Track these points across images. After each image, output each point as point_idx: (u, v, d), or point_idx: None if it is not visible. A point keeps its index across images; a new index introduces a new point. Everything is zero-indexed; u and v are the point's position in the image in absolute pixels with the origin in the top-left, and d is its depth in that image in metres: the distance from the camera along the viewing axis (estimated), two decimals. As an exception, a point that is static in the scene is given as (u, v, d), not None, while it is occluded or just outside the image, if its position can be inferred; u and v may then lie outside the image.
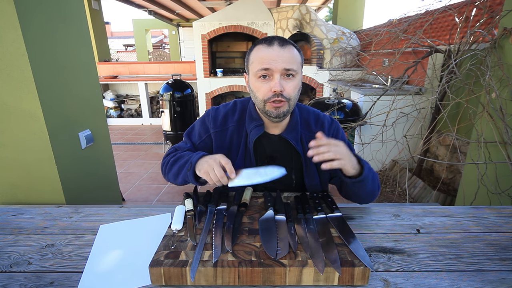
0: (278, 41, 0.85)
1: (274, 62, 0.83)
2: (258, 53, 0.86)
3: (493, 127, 1.70)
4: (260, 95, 0.88)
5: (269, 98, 0.86)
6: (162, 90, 3.95)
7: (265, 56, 0.84)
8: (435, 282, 0.64)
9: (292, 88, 0.87)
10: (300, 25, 5.08)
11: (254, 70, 0.87)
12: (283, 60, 0.84)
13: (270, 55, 0.84)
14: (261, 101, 0.88)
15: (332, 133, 1.01)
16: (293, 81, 0.87)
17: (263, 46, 0.86)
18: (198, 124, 1.04)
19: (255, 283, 0.63)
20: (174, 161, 0.96)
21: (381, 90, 3.14)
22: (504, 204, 1.60)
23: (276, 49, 0.84)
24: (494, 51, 1.80)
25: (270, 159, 0.98)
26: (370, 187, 0.88)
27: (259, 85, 0.87)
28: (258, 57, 0.86)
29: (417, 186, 2.78)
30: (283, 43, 0.86)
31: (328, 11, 15.45)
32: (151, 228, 0.85)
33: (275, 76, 0.84)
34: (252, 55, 0.89)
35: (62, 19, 1.43)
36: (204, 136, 1.01)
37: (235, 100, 1.04)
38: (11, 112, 1.27)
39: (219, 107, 1.03)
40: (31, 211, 0.97)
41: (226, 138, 0.99)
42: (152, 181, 3.29)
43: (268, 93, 0.86)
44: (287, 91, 0.86)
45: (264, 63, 0.84)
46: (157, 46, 16.30)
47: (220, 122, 0.99)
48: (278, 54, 0.84)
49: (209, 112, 1.02)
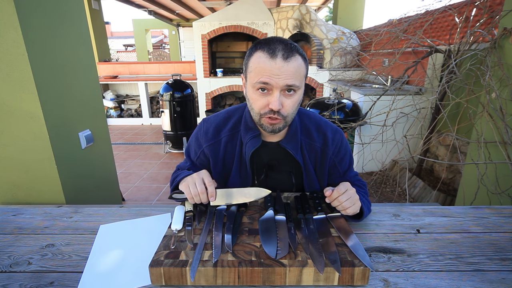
0: (283, 53, 0.75)
1: (275, 78, 0.75)
2: (259, 63, 0.76)
3: (493, 127, 1.70)
4: (256, 107, 0.81)
5: (265, 113, 0.80)
6: (162, 90, 3.95)
7: (266, 69, 0.75)
8: (435, 282, 0.64)
9: (291, 105, 0.79)
10: (300, 25, 5.08)
11: (252, 81, 0.78)
12: (286, 76, 0.75)
13: (271, 69, 0.74)
14: (257, 114, 0.82)
15: (335, 145, 0.95)
16: (294, 97, 0.79)
17: (265, 56, 0.76)
18: (192, 140, 1.00)
19: (255, 283, 0.63)
20: (172, 181, 0.95)
21: (381, 90, 3.14)
22: (504, 204, 1.60)
23: (279, 63, 0.74)
24: (494, 51, 1.80)
25: (268, 167, 0.95)
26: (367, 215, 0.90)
27: (256, 97, 0.80)
28: (257, 67, 0.77)
29: (417, 186, 2.78)
30: (288, 54, 0.75)
31: (328, 11, 15.45)
32: (151, 228, 0.85)
33: (275, 92, 0.76)
34: (251, 63, 0.79)
35: (62, 19, 1.43)
36: (198, 152, 0.97)
37: (227, 109, 1.00)
38: (11, 112, 1.27)
39: (210, 118, 0.98)
40: (31, 211, 0.97)
41: (220, 149, 0.94)
42: (152, 181, 3.29)
43: (265, 107, 0.79)
44: (285, 108, 0.79)
45: (264, 77, 0.75)
46: (157, 46, 16.29)
47: (212, 134, 0.94)
48: (280, 69, 0.74)
49: (201, 125, 0.98)
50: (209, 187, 0.80)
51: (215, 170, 0.96)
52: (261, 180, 0.96)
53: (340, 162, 0.97)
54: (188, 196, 0.80)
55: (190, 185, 0.79)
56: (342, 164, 0.98)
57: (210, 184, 0.80)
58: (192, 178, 0.81)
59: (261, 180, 0.96)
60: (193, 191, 0.79)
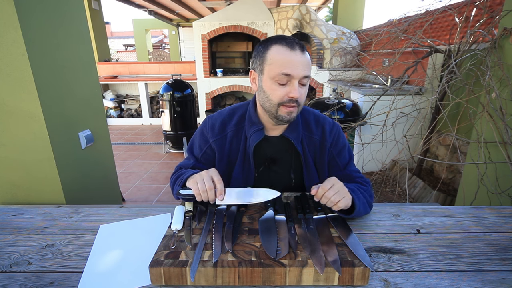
0: (299, 46, 0.82)
1: (296, 69, 0.81)
2: (279, 56, 0.82)
3: (493, 127, 1.70)
4: (275, 98, 0.85)
5: (284, 102, 0.84)
6: (162, 90, 3.95)
7: (287, 61, 0.81)
8: (435, 282, 0.64)
9: (304, 94, 0.86)
10: (300, 25, 5.08)
11: (273, 73, 0.82)
12: (303, 67, 0.82)
13: (292, 61, 0.81)
14: (275, 105, 0.86)
15: (333, 137, 0.98)
16: (306, 86, 0.86)
17: (285, 49, 0.81)
18: (197, 137, 1.02)
19: (255, 283, 0.63)
20: (175, 180, 0.95)
21: (381, 90, 3.14)
22: (504, 204, 1.60)
23: (298, 55, 0.81)
24: (494, 51, 1.80)
25: (270, 161, 0.97)
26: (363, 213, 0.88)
27: (275, 87, 0.84)
28: (278, 59, 0.81)
29: (417, 186, 2.78)
30: (302, 47, 0.83)
31: (328, 11, 15.46)
32: (151, 228, 0.85)
33: (294, 82, 0.82)
34: (270, 55, 0.83)
35: (62, 19, 1.43)
36: (204, 148, 0.99)
37: (231, 106, 1.03)
38: (11, 112, 1.27)
39: (215, 115, 1.01)
40: (31, 211, 0.97)
41: (226, 144, 0.97)
42: (152, 181, 3.29)
43: (284, 97, 0.84)
44: (301, 96, 0.85)
45: (286, 68, 0.80)
46: (157, 46, 16.29)
47: (218, 129, 0.97)
48: (300, 60, 0.81)
49: (206, 122, 1.00)
50: (218, 184, 0.79)
51: (220, 164, 0.97)
52: (261, 172, 0.97)
53: (338, 154, 0.99)
54: (196, 192, 0.78)
55: (198, 182, 0.78)
56: (341, 157, 0.99)
57: (219, 182, 0.80)
58: (200, 175, 0.80)
59: (261, 172, 0.97)
60: (201, 187, 0.78)
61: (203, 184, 0.78)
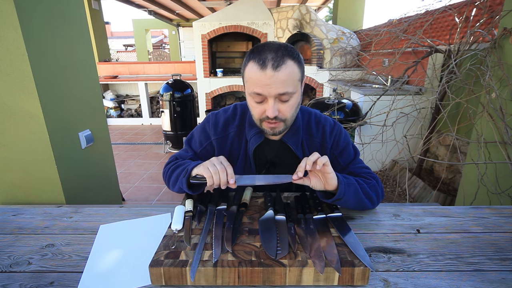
0: (272, 62, 0.75)
1: (267, 88, 0.77)
2: (251, 74, 0.79)
3: (493, 127, 1.70)
4: (255, 114, 0.85)
5: (263, 119, 0.83)
6: (162, 90, 3.95)
7: (257, 80, 0.77)
8: (435, 282, 0.64)
9: (288, 110, 0.82)
10: (300, 25, 5.08)
11: (249, 91, 0.82)
12: (277, 85, 0.76)
13: (262, 80, 0.76)
14: (257, 120, 0.86)
15: (333, 138, 0.97)
16: (290, 101, 0.81)
17: (256, 66, 0.77)
18: (198, 131, 1.01)
19: (255, 283, 0.63)
20: (173, 170, 0.93)
21: (381, 90, 3.14)
22: (504, 204, 1.60)
23: (269, 73, 0.75)
24: (494, 51, 1.80)
25: (270, 164, 0.97)
26: (353, 201, 0.84)
27: (253, 105, 0.83)
28: (250, 77, 0.79)
29: (417, 186, 2.78)
30: (278, 63, 0.75)
31: (328, 11, 15.46)
32: (151, 228, 0.85)
33: (269, 100, 0.79)
34: (246, 72, 0.82)
35: (62, 19, 1.43)
36: (205, 144, 0.98)
37: (235, 104, 1.01)
38: (11, 112, 1.27)
39: (219, 112, 1.00)
40: (31, 211, 0.97)
41: (227, 144, 0.97)
42: (152, 181, 3.29)
43: (263, 114, 0.82)
44: (282, 113, 0.82)
45: (257, 88, 0.78)
46: (157, 46, 16.29)
47: (221, 128, 0.97)
48: (271, 78, 0.76)
49: (209, 118, 0.99)
50: (228, 168, 0.78)
51: None
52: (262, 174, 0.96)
53: (340, 154, 0.97)
54: (207, 175, 0.77)
55: (209, 166, 0.78)
56: (344, 156, 0.98)
57: (229, 166, 0.79)
58: (210, 161, 0.80)
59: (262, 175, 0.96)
60: (213, 170, 0.76)
61: (215, 167, 0.77)
